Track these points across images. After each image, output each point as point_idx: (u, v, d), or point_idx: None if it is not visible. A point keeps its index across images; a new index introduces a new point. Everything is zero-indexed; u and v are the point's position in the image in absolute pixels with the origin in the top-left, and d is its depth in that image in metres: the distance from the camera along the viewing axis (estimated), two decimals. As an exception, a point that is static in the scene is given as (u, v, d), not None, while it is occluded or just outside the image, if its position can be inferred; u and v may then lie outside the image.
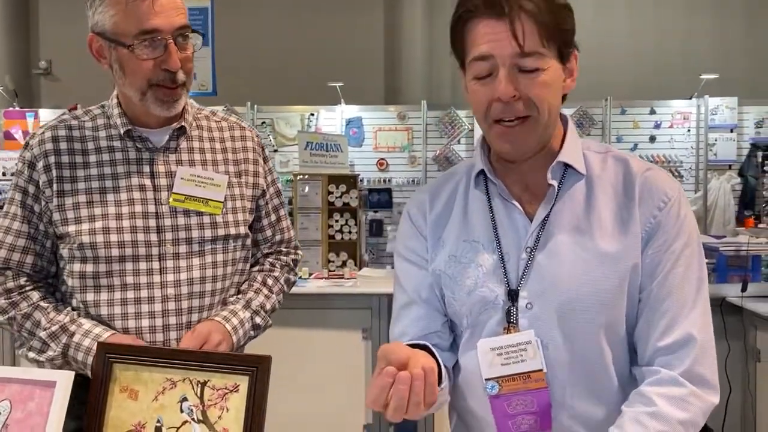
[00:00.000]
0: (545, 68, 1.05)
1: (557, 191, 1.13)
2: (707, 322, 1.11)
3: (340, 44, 7.74)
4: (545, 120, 1.08)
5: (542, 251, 1.11)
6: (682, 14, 7.58)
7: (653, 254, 1.10)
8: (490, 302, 1.12)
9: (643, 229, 1.10)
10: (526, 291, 1.10)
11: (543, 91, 1.06)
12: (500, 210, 1.15)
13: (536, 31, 1.03)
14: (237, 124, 1.60)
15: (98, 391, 1.23)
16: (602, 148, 1.19)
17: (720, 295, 3.28)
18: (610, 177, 1.14)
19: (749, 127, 6.82)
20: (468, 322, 1.16)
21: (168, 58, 1.36)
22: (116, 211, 1.42)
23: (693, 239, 1.12)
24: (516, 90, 1.05)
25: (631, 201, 1.11)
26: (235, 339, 1.46)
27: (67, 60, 7.97)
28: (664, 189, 1.12)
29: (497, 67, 1.05)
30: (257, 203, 1.58)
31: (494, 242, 1.14)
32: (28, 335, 1.43)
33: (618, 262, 1.09)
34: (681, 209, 1.12)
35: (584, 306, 1.08)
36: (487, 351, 1.10)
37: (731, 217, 6.60)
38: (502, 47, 1.03)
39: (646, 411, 1.04)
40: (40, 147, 1.43)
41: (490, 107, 1.07)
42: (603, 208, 1.11)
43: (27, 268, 1.45)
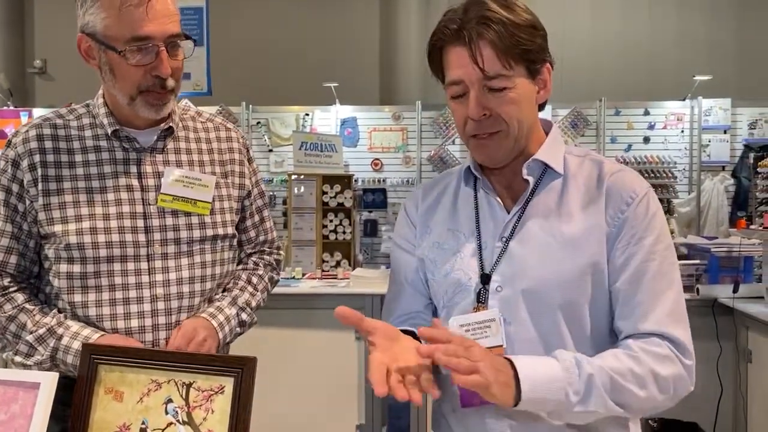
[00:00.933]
0: (512, 86, 1.16)
1: (535, 187, 1.23)
2: (679, 315, 1.16)
3: (335, 44, 7.74)
4: (515, 133, 1.19)
5: (515, 239, 1.21)
6: (675, 16, 7.60)
7: (623, 248, 1.17)
8: (463, 284, 1.23)
9: (611, 223, 1.18)
10: (498, 275, 1.20)
11: (510, 108, 1.17)
12: (484, 204, 1.27)
13: (496, 55, 1.14)
14: (222, 124, 1.60)
15: (83, 393, 1.23)
16: (582, 152, 1.29)
17: (711, 296, 3.30)
18: (584, 175, 1.23)
19: (742, 128, 6.84)
20: (443, 302, 1.27)
21: (159, 65, 1.35)
22: (104, 211, 1.41)
23: (663, 235, 1.19)
24: (486, 108, 1.16)
25: (600, 197, 1.20)
26: (221, 335, 1.46)
27: (62, 59, 7.95)
28: (632, 187, 1.20)
29: (468, 89, 1.17)
30: (242, 204, 1.58)
31: (475, 232, 1.25)
32: (12, 338, 1.42)
33: (580, 248, 1.17)
34: (649, 206, 1.19)
35: (546, 287, 1.17)
36: (457, 327, 1.19)
37: (725, 218, 6.62)
38: (470, 72, 1.15)
39: (625, 352, 1.12)
40: (24, 145, 1.42)
41: (466, 123, 1.20)
42: (573, 202, 1.21)
43: (10, 268, 1.43)
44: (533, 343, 1.17)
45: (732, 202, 6.69)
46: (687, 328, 1.17)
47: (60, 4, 7.78)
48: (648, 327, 1.14)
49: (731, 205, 6.69)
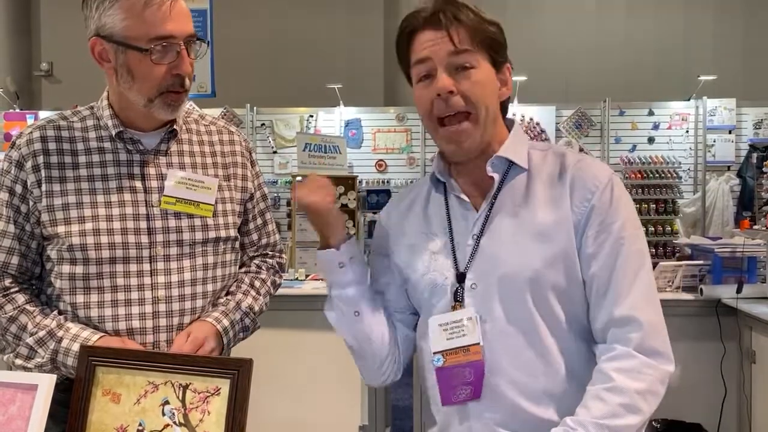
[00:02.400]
0: (477, 66, 1.20)
1: (501, 184, 1.26)
2: (651, 297, 1.19)
3: (338, 46, 7.75)
4: (483, 117, 1.22)
5: (486, 236, 1.23)
6: (680, 16, 7.58)
7: (593, 236, 1.19)
8: (439, 285, 1.25)
9: (577, 213, 1.20)
10: (472, 273, 1.23)
11: (477, 88, 1.20)
12: (455, 205, 1.29)
13: (468, 35, 1.20)
14: (225, 128, 1.61)
15: (80, 395, 1.24)
16: (545, 146, 1.31)
17: (715, 296, 3.28)
18: (548, 168, 1.26)
19: (747, 128, 6.82)
20: (421, 303, 1.30)
21: (180, 63, 1.37)
22: (107, 212, 1.41)
23: (629, 219, 1.21)
24: (453, 85, 1.19)
25: (564, 188, 1.22)
26: (225, 340, 1.47)
27: (68, 62, 7.98)
28: (595, 175, 1.22)
29: (436, 68, 1.20)
30: (245, 207, 1.58)
31: (447, 233, 1.27)
32: (13, 339, 1.42)
33: (550, 239, 1.19)
34: (614, 192, 1.21)
35: (516, 279, 1.19)
36: (436, 327, 1.23)
37: (730, 218, 6.60)
38: (439, 50, 1.20)
39: (605, 387, 1.14)
40: (28, 147, 1.43)
41: (432, 105, 1.22)
42: (539, 195, 1.23)
43: (12, 269, 1.44)
44: (510, 337, 1.19)
45: (737, 202, 6.67)
46: (658, 307, 1.19)
47: (66, 8, 7.81)
48: (620, 312, 1.16)
49: (736, 205, 6.67)
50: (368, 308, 1.32)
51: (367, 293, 1.33)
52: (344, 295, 1.31)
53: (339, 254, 1.30)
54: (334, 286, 1.32)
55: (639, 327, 1.16)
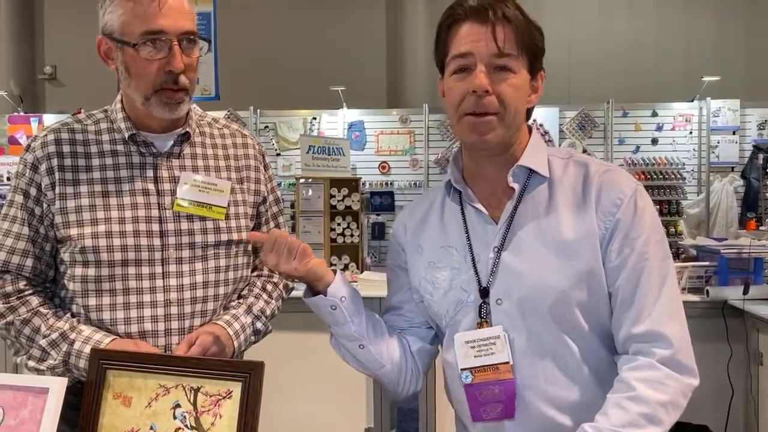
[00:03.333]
0: (516, 72, 1.18)
1: (521, 194, 1.22)
2: (676, 311, 1.17)
3: (341, 48, 7.75)
4: (510, 119, 1.19)
5: (507, 249, 1.21)
6: (683, 17, 7.57)
7: (617, 250, 1.17)
8: (463, 302, 1.23)
9: (602, 227, 1.18)
10: (496, 288, 1.20)
11: (512, 91, 1.18)
12: (472, 215, 1.26)
13: (513, 38, 1.17)
14: (238, 131, 1.61)
15: (91, 398, 1.23)
16: (566, 154, 1.28)
17: (722, 297, 3.27)
18: (571, 179, 1.23)
19: (751, 128, 6.81)
20: (446, 321, 1.27)
21: (172, 59, 1.36)
22: (119, 215, 1.42)
23: (654, 232, 1.19)
24: (489, 85, 1.16)
25: (589, 201, 1.19)
26: (236, 344, 1.46)
27: (71, 65, 8.01)
28: (619, 188, 1.19)
29: (475, 64, 1.17)
30: (258, 210, 1.58)
31: (466, 246, 1.24)
32: (26, 342, 1.42)
33: (575, 255, 1.17)
34: (638, 204, 1.19)
35: (541, 297, 1.17)
36: (463, 344, 1.21)
37: (734, 219, 6.58)
38: (482, 47, 1.16)
39: (627, 395, 1.12)
40: (42, 149, 1.43)
41: (463, 101, 1.18)
42: (563, 208, 1.20)
43: (26, 271, 1.44)
44: (539, 353, 1.18)
45: (741, 203, 6.65)
46: (683, 321, 1.17)
47: (70, 11, 7.84)
48: (643, 328, 1.15)
49: (740, 206, 6.65)
50: (372, 337, 1.30)
51: (367, 323, 1.31)
52: (344, 333, 1.30)
53: (327, 300, 1.27)
54: (332, 326, 1.31)
55: (663, 342, 1.14)
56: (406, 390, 1.35)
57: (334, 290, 1.27)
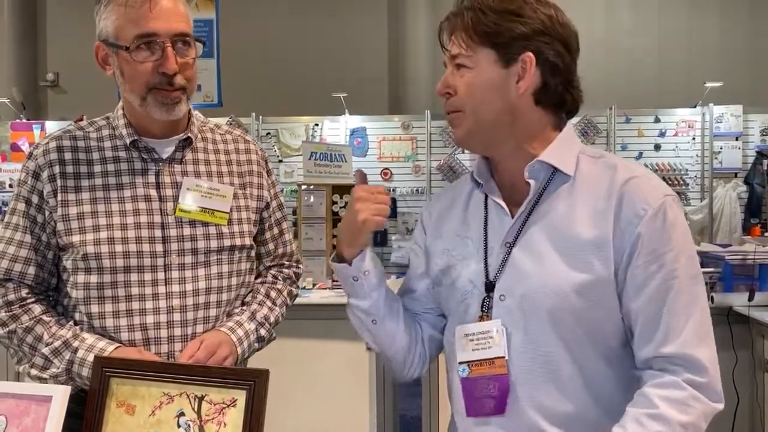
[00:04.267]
0: (471, 67, 1.17)
1: (543, 191, 1.19)
2: (705, 333, 1.12)
3: (343, 55, 7.77)
4: (475, 115, 1.18)
5: (518, 246, 1.18)
6: (685, 22, 7.59)
7: (643, 265, 1.10)
8: (468, 293, 1.21)
9: (621, 239, 1.11)
10: (501, 283, 1.18)
11: (465, 88, 1.18)
12: (492, 209, 1.24)
13: (468, 37, 1.17)
14: (241, 137, 1.61)
15: (95, 406, 1.22)
16: (597, 154, 1.23)
17: (726, 304, 3.26)
18: (596, 181, 1.17)
19: (754, 134, 6.81)
20: (451, 310, 1.27)
21: (165, 61, 1.36)
22: (121, 221, 1.41)
23: (684, 248, 1.12)
24: (449, 86, 1.20)
25: (609, 207, 1.13)
26: (240, 351, 1.45)
27: (74, 72, 8.03)
28: (644, 198, 1.12)
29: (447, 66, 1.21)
30: (261, 216, 1.57)
31: (482, 238, 1.23)
32: (29, 350, 1.41)
33: (581, 263, 1.12)
34: (666, 217, 1.11)
35: (541, 298, 1.14)
36: (462, 336, 1.20)
37: (738, 225, 6.58)
38: (449, 51, 1.20)
39: (648, 412, 1.07)
40: (45, 157, 1.43)
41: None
42: (581, 211, 1.15)
43: (29, 279, 1.43)
44: (533, 356, 1.15)
45: (745, 209, 6.65)
46: (711, 344, 1.11)
47: (72, 18, 7.87)
48: (671, 350, 1.09)
49: (744, 212, 6.65)
50: (386, 315, 1.30)
51: (384, 301, 1.31)
52: (360, 306, 1.30)
53: (351, 269, 1.27)
54: (351, 297, 1.31)
55: (694, 365, 1.08)
56: (410, 373, 1.35)
57: (360, 263, 1.27)
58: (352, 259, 1.27)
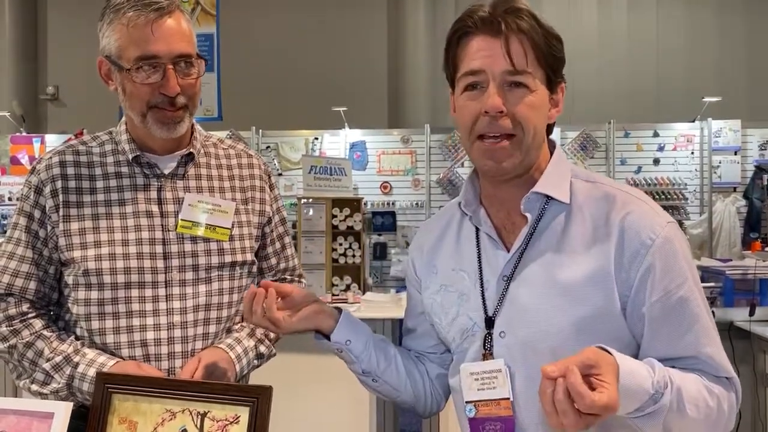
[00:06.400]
0: (533, 89, 1.08)
1: (538, 222, 1.13)
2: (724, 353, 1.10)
3: (343, 69, 7.80)
4: (529, 142, 1.09)
5: (516, 281, 1.12)
6: (684, 37, 7.63)
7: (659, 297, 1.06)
8: (468, 330, 1.17)
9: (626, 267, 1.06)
10: (501, 319, 1.13)
11: (529, 111, 1.08)
12: (485, 240, 1.18)
13: (528, 52, 1.07)
14: (244, 151, 1.60)
15: (96, 423, 1.21)
16: (591, 177, 1.17)
17: (727, 319, 3.25)
18: (592, 209, 1.11)
19: (753, 149, 6.83)
20: (453, 347, 1.22)
21: (166, 83, 1.36)
22: (123, 237, 1.41)
23: (693, 274, 1.09)
24: (503, 105, 1.07)
25: (608, 237, 1.07)
26: (238, 368, 1.44)
27: (74, 86, 8.06)
28: (650, 226, 1.07)
29: (488, 82, 1.07)
30: (263, 231, 1.57)
31: (477, 271, 1.17)
32: (29, 365, 1.41)
33: (578, 298, 1.07)
34: (675, 246, 1.07)
35: (542, 337, 1.09)
36: (468, 375, 1.15)
37: (737, 239, 6.58)
38: (494, 63, 1.07)
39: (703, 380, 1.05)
40: (47, 172, 1.43)
41: (476, 122, 1.09)
42: (577, 239, 1.10)
43: (30, 294, 1.43)
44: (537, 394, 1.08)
45: (744, 223, 6.65)
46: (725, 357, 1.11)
47: (72, 32, 7.90)
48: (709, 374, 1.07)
49: (743, 227, 6.65)
50: (384, 370, 1.28)
51: (377, 359, 1.27)
52: (355, 370, 1.28)
53: (331, 344, 1.25)
54: (345, 362, 1.29)
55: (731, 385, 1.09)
56: (429, 411, 1.33)
57: (338, 336, 1.24)
58: (330, 334, 1.24)
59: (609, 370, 0.91)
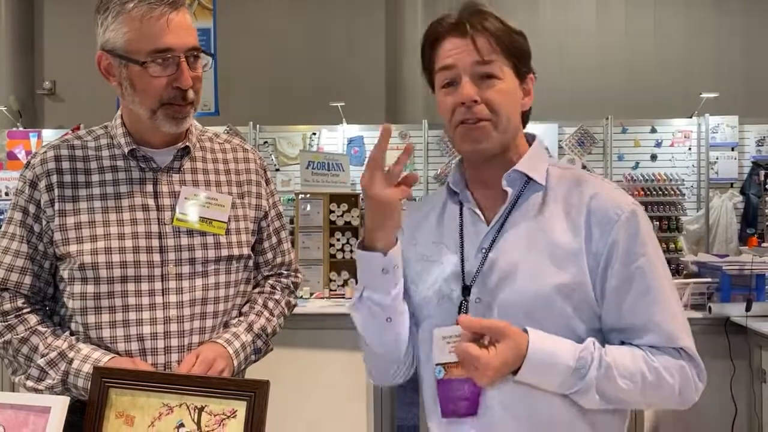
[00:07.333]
0: (501, 77, 1.21)
1: (516, 199, 1.24)
2: (684, 322, 1.20)
3: (341, 64, 7.79)
4: (504, 124, 1.21)
5: (494, 252, 1.21)
6: (681, 33, 7.63)
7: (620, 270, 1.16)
8: (445, 296, 1.24)
9: (596, 244, 1.17)
10: (477, 287, 1.21)
11: (500, 97, 1.20)
12: (467, 217, 1.28)
13: (493, 45, 1.20)
14: (240, 146, 1.60)
15: (94, 417, 1.21)
16: (566, 165, 1.31)
17: (724, 314, 3.26)
18: (564, 190, 1.24)
19: (750, 145, 6.84)
20: (427, 312, 1.27)
21: (180, 75, 1.36)
22: (119, 230, 1.40)
23: (656, 249, 1.20)
24: (477, 94, 1.19)
25: (580, 216, 1.19)
26: (236, 363, 1.44)
27: (70, 80, 8.03)
28: (617, 204, 1.19)
29: (460, 76, 1.20)
30: (259, 225, 1.57)
31: (458, 244, 1.26)
32: (24, 361, 1.41)
33: (564, 266, 1.17)
34: (639, 222, 1.18)
35: (525, 302, 1.17)
36: (440, 339, 1.20)
37: (734, 235, 6.59)
38: (464, 58, 1.20)
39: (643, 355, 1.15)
40: (42, 166, 1.43)
41: (454, 112, 1.21)
42: (553, 216, 1.21)
43: (25, 289, 1.43)
44: None
45: (741, 219, 6.66)
46: (690, 334, 1.19)
47: (69, 26, 7.87)
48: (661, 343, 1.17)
49: (740, 223, 6.66)
50: (401, 313, 1.26)
51: (401, 300, 1.26)
52: (381, 301, 1.23)
53: (385, 260, 1.19)
54: (371, 290, 1.23)
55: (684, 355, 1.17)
56: (398, 377, 1.34)
57: (393, 254, 1.20)
58: (389, 249, 1.19)
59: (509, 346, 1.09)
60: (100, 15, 1.40)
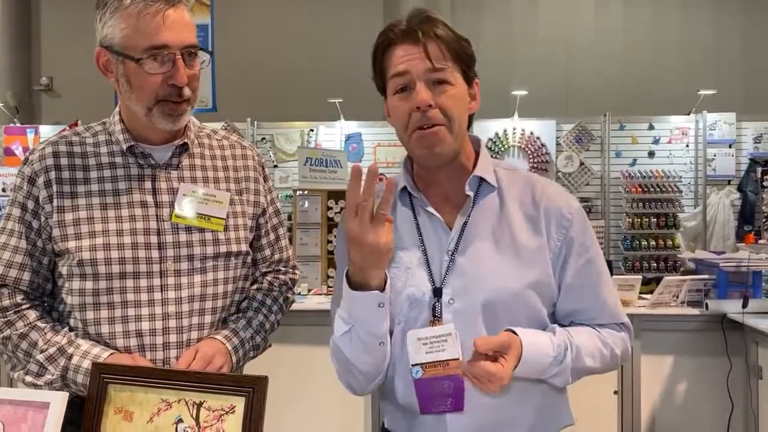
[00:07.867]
0: (453, 83, 1.25)
1: (474, 202, 1.30)
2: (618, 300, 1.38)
3: (339, 60, 7.78)
4: (456, 129, 1.26)
5: (463, 254, 1.26)
6: (679, 30, 7.64)
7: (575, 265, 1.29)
8: (417, 299, 1.27)
9: (555, 241, 1.29)
10: (449, 288, 1.26)
11: (453, 102, 1.25)
12: (425, 220, 1.31)
13: (444, 53, 1.25)
14: (238, 143, 1.60)
15: (92, 413, 1.22)
16: (508, 165, 1.38)
17: (721, 311, 3.27)
18: (518, 191, 1.32)
19: (747, 142, 6.84)
20: (399, 318, 1.28)
21: (176, 73, 1.36)
22: (117, 227, 1.41)
23: (595, 240, 1.34)
24: (431, 99, 1.23)
25: (539, 215, 1.29)
26: (234, 359, 1.45)
27: (68, 77, 8.02)
28: (567, 203, 1.31)
29: (414, 82, 1.24)
30: (257, 222, 1.57)
31: (420, 248, 1.29)
32: (24, 356, 1.41)
33: (530, 263, 1.26)
34: (585, 221, 1.33)
35: (503, 301, 1.24)
36: (415, 340, 1.22)
37: (731, 232, 6.60)
38: (417, 65, 1.24)
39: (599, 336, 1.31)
40: (40, 162, 1.43)
41: (410, 118, 1.25)
42: (512, 216, 1.29)
43: (24, 285, 1.43)
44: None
45: (738, 216, 6.67)
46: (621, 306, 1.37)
47: (66, 22, 7.86)
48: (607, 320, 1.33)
49: (737, 220, 6.67)
50: (388, 333, 1.27)
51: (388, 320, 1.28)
52: (375, 332, 1.24)
53: (382, 295, 1.20)
54: (364, 324, 1.23)
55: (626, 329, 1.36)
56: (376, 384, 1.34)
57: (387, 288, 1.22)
58: (384, 284, 1.21)
59: (514, 354, 1.16)
60: (99, 11, 1.40)
